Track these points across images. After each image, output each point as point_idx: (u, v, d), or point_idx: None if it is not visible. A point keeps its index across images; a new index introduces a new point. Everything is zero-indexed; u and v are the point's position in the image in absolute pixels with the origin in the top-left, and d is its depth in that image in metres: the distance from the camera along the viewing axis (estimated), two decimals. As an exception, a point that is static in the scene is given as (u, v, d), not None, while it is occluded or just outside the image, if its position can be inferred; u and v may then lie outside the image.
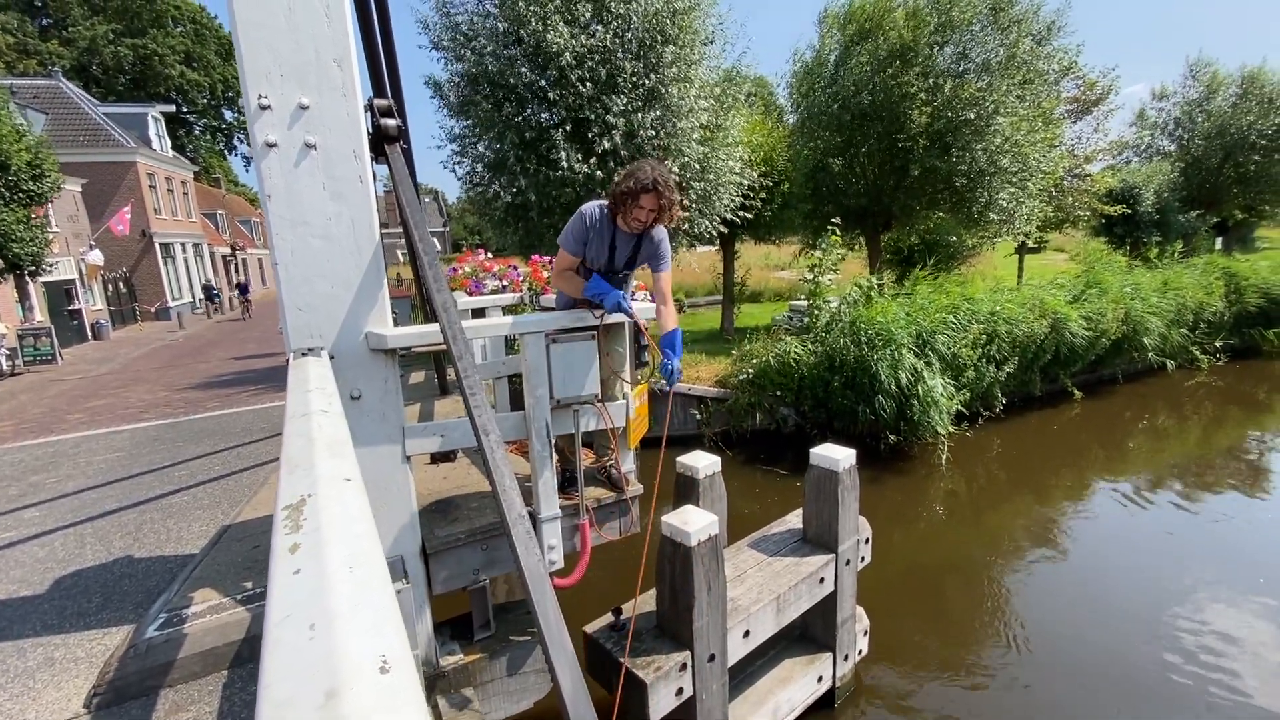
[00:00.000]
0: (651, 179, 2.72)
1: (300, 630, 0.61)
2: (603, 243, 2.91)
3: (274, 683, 0.55)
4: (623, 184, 2.76)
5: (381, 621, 0.64)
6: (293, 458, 1.13)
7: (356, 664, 0.56)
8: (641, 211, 2.78)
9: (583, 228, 2.88)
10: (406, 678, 0.56)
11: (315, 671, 0.55)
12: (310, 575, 0.71)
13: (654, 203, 2.76)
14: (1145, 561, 6.36)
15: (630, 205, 2.75)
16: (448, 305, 2.18)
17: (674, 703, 3.27)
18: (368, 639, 0.60)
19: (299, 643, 0.60)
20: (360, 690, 0.53)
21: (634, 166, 2.79)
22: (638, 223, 2.83)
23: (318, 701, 0.52)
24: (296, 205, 2.44)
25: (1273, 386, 12.75)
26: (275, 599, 0.68)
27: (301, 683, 0.54)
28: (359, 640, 0.60)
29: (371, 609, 0.65)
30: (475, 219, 26.41)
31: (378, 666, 0.57)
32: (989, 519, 7.52)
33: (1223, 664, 4.80)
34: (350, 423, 2.61)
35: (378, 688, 0.54)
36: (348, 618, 0.63)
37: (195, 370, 11.74)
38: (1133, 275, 13.10)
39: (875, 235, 14.19)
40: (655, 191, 2.73)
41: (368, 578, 0.72)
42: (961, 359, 9.38)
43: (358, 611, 0.65)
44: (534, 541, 1.73)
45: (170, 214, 26.43)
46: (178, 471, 5.04)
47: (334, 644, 0.59)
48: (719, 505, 4.09)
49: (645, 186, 2.71)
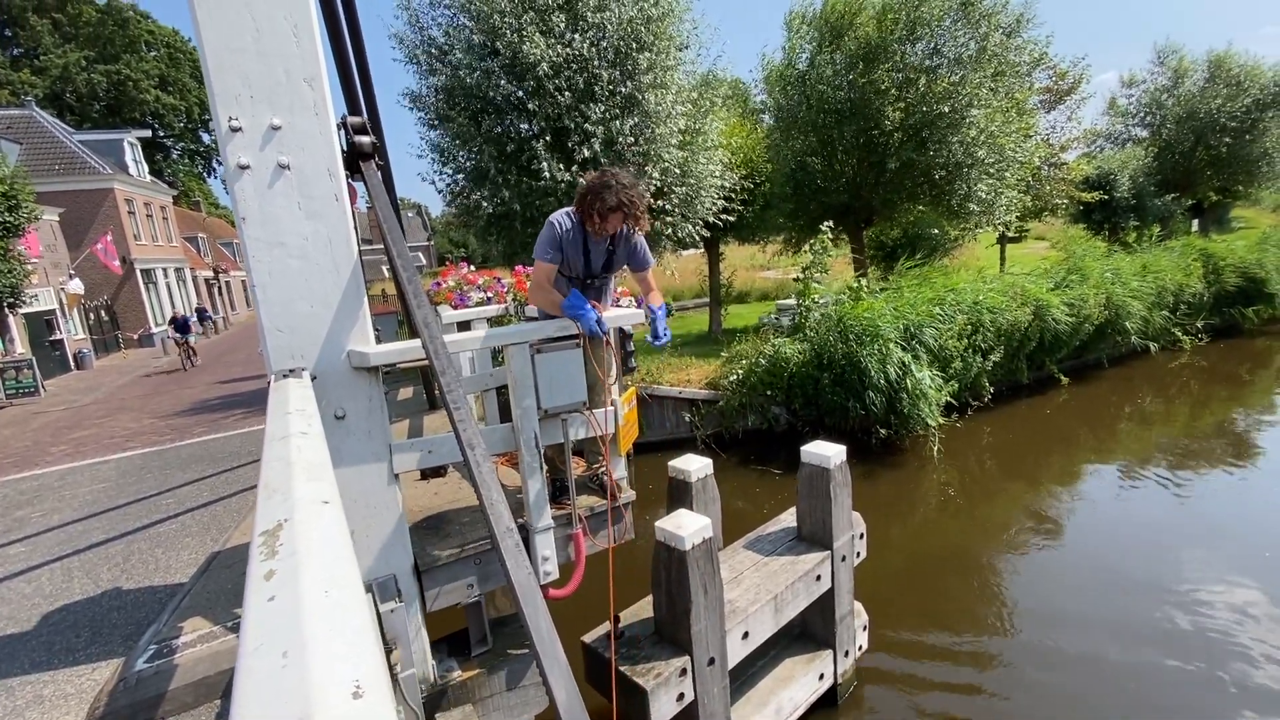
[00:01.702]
0: (617, 200, 2.68)
1: (273, 658, 0.61)
2: (576, 249, 2.91)
3: (243, 713, 0.54)
4: (590, 203, 2.72)
5: (356, 646, 0.63)
6: (270, 482, 1.12)
7: (328, 691, 0.56)
8: (610, 225, 2.78)
9: (554, 235, 2.87)
10: (379, 703, 0.55)
11: (286, 700, 0.55)
12: (285, 602, 0.71)
13: (620, 219, 2.77)
14: (1139, 542, 6.43)
15: (600, 223, 2.75)
16: (429, 320, 2.17)
17: (675, 709, 3.26)
18: (341, 665, 0.60)
19: (271, 671, 0.59)
20: (331, 717, 0.52)
21: (598, 183, 2.73)
22: (606, 231, 2.83)
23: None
24: (272, 226, 2.42)
25: (1255, 364, 12.95)
26: (249, 628, 0.67)
27: (272, 711, 0.54)
28: (332, 666, 0.59)
29: (346, 634, 0.65)
30: (460, 233, 26.34)
31: (350, 692, 0.56)
32: (983, 508, 7.57)
33: (1220, 638, 4.86)
34: (336, 442, 2.61)
35: (350, 714, 0.53)
36: (322, 644, 0.62)
37: (181, 396, 11.62)
38: (1112, 260, 13.27)
39: (858, 231, 14.30)
40: (620, 211, 2.72)
41: (344, 601, 0.71)
42: (948, 350, 9.45)
43: (332, 637, 0.64)
44: (524, 555, 1.72)
45: (150, 239, 26.19)
46: (165, 500, 4.98)
47: (306, 671, 0.58)
48: (713, 508, 4.09)
49: (611, 207, 2.70)
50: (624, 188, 2.71)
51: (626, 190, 2.72)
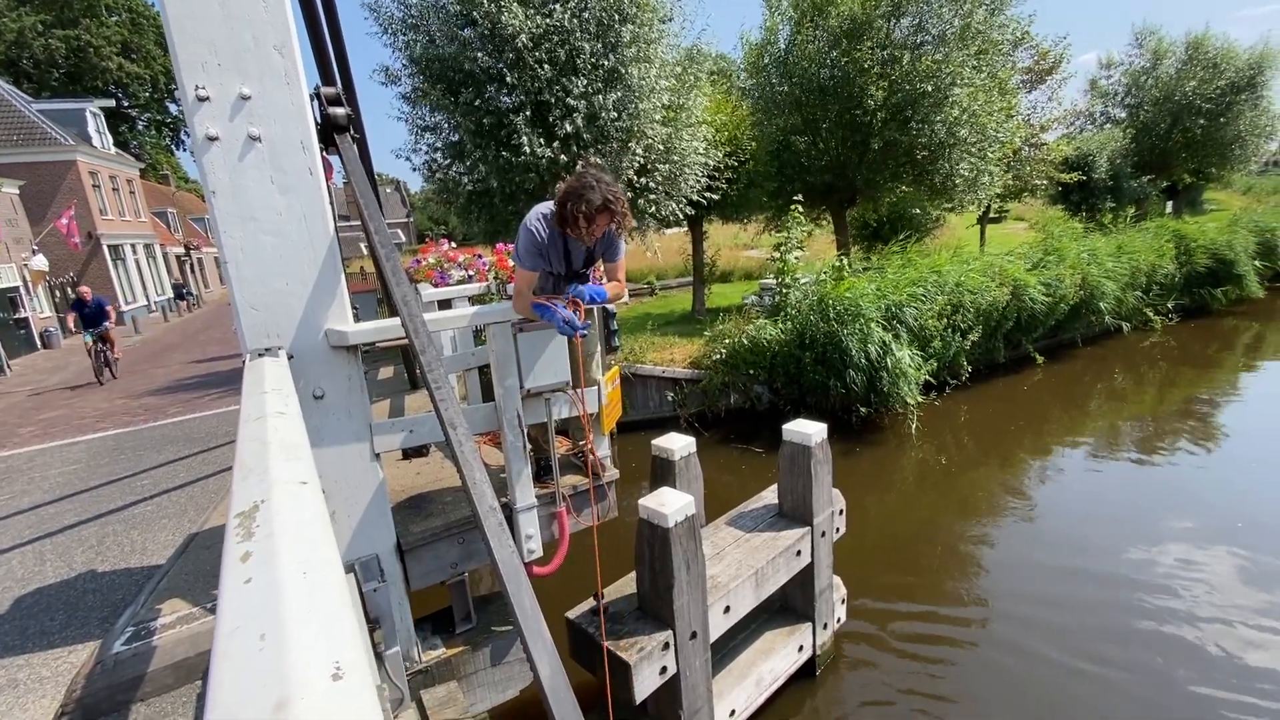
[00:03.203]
0: (603, 198, 2.52)
1: (250, 641, 0.60)
2: (557, 251, 2.79)
3: (221, 696, 0.53)
4: (573, 207, 2.55)
5: (335, 627, 0.62)
6: (246, 463, 1.09)
7: (307, 672, 0.55)
8: (598, 229, 2.62)
9: (534, 242, 2.73)
10: (360, 683, 0.55)
11: (264, 683, 0.54)
12: (261, 584, 0.69)
13: (609, 220, 2.61)
14: (1108, 514, 6.64)
15: (586, 227, 2.57)
16: (408, 298, 2.13)
17: (658, 681, 3.31)
18: (320, 646, 0.59)
19: (248, 654, 0.58)
20: (310, 699, 0.52)
21: (579, 184, 2.56)
22: (594, 237, 2.67)
23: (266, 714, 0.50)
24: (243, 200, 2.35)
25: (1222, 344, 13.30)
26: (225, 611, 0.66)
27: (250, 695, 0.53)
28: (311, 648, 0.58)
29: (325, 615, 0.64)
30: (440, 209, 25.89)
31: (330, 674, 0.55)
32: (959, 484, 7.73)
33: (1182, 605, 5.07)
34: (315, 422, 2.58)
35: (329, 695, 0.53)
36: (299, 626, 0.62)
37: (154, 376, 11.36)
38: (1089, 241, 13.46)
39: (841, 211, 14.31)
40: (609, 211, 2.56)
41: (322, 583, 0.70)
42: (928, 330, 9.56)
43: (310, 619, 0.63)
44: (507, 534, 1.71)
45: (117, 214, 25.36)
46: (140, 481, 4.89)
47: (284, 653, 0.57)
48: (695, 485, 4.13)
49: (598, 208, 2.53)
50: (607, 185, 2.56)
51: (610, 187, 2.56)
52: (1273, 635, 4.69)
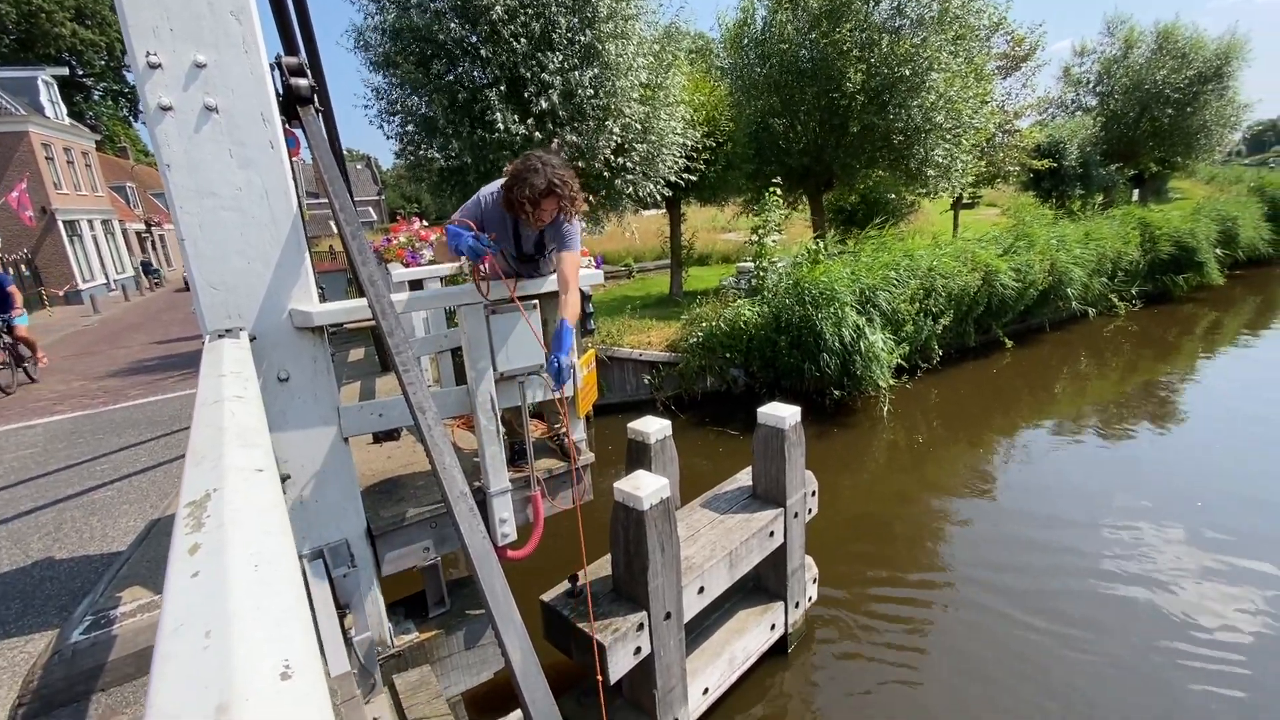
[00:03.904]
0: (547, 182, 2.43)
1: (194, 639, 0.57)
2: (505, 230, 2.71)
3: (160, 700, 0.50)
4: (516, 190, 2.46)
5: (286, 624, 0.60)
6: (199, 449, 1.05)
7: (254, 673, 0.52)
8: (544, 214, 2.54)
9: (475, 208, 2.67)
10: (310, 683, 0.52)
11: (207, 684, 0.51)
12: (209, 578, 0.66)
13: (555, 205, 2.52)
14: (1071, 491, 6.88)
15: (532, 211, 2.49)
16: (374, 278, 2.07)
17: (632, 662, 3.34)
18: (268, 645, 0.56)
19: (192, 653, 0.55)
20: (255, 702, 0.49)
21: (524, 167, 2.47)
22: (541, 222, 2.60)
23: (207, 716, 0.48)
24: (201, 175, 2.25)
25: (1182, 329, 13.72)
26: (169, 606, 0.63)
27: (191, 697, 0.50)
28: (259, 647, 0.56)
29: (275, 611, 0.61)
30: (412, 187, 25.33)
31: (278, 673, 0.53)
32: (929, 464, 7.90)
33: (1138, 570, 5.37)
34: (281, 405, 2.51)
35: (277, 697, 0.50)
36: (248, 623, 0.59)
37: (114, 357, 11.00)
38: (1058, 228, 13.72)
39: (818, 195, 14.35)
40: (554, 195, 2.48)
41: (274, 577, 0.67)
42: (901, 314, 9.69)
43: (259, 615, 0.60)
44: (478, 520, 1.69)
45: (72, 188, 24.30)
46: (100, 466, 4.74)
47: (230, 652, 0.55)
48: (671, 468, 4.14)
49: (542, 192, 2.44)
50: (552, 168, 2.45)
51: (555, 170, 2.46)
52: (1219, 598, 4.99)
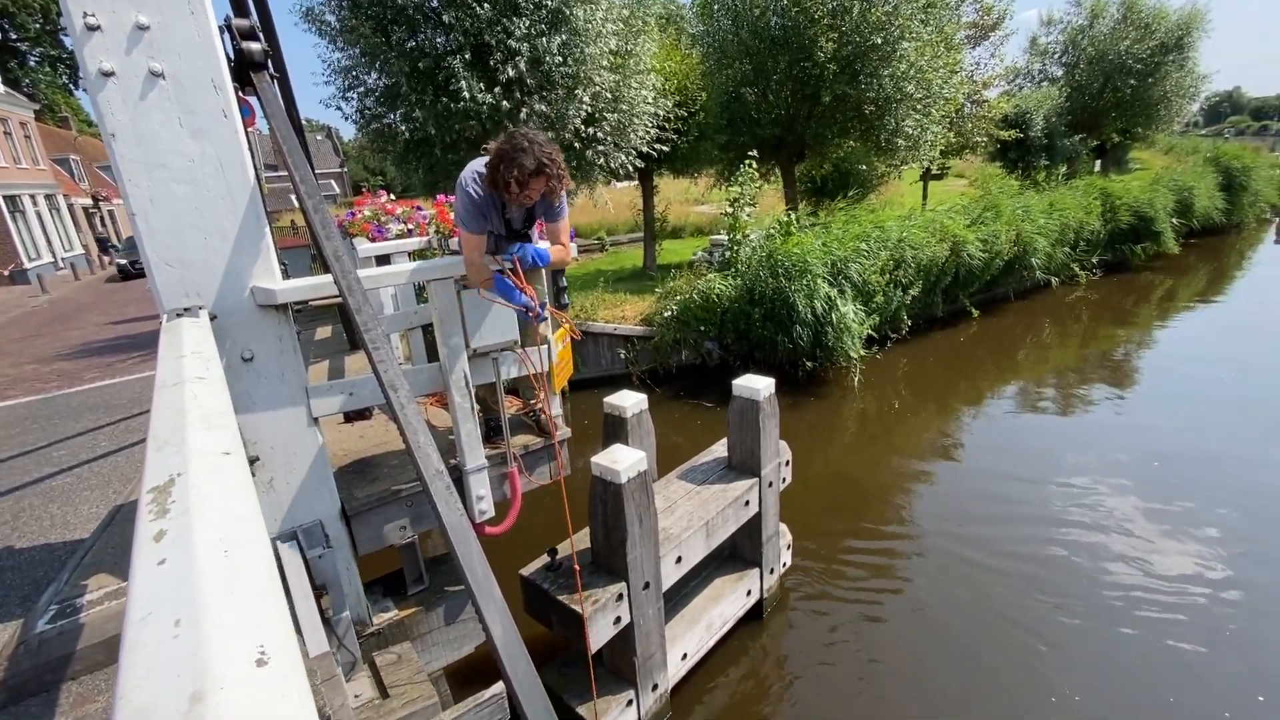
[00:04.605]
0: (536, 161, 2.38)
1: (163, 628, 0.55)
2: (495, 211, 2.67)
3: (130, 692, 0.49)
4: (504, 171, 2.40)
5: (259, 609, 0.58)
6: (161, 433, 1.01)
7: (227, 660, 0.51)
8: (533, 193, 2.50)
9: (473, 204, 2.59)
10: (288, 667, 0.51)
11: (178, 674, 0.50)
12: (176, 565, 0.64)
13: (544, 184, 2.48)
14: (1033, 452, 7.20)
15: (519, 192, 2.44)
16: (339, 253, 2.01)
17: (613, 631, 3.40)
18: (242, 631, 0.55)
19: (161, 642, 0.54)
20: (230, 689, 0.48)
21: (510, 146, 2.41)
22: (529, 200, 2.56)
23: (180, 708, 0.46)
24: (149, 145, 2.14)
25: (1139, 297, 14.18)
26: (135, 595, 0.61)
27: (163, 687, 0.49)
28: (232, 633, 0.54)
29: (248, 596, 0.60)
30: (376, 159, 24.57)
31: (254, 659, 0.52)
32: (898, 432, 8.10)
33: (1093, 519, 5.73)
34: (246, 386, 2.44)
35: (252, 683, 0.49)
36: (219, 609, 0.57)
37: (66, 339, 10.56)
38: (1024, 198, 13.95)
39: (790, 166, 14.32)
40: (544, 174, 2.43)
41: (245, 562, 0.65)
42: (871, 285, 9.81)
43: (231, 601, 0.59)
44: (454, 497, 1.68)
45: (11, 161, 22.99)
46: (57, 452, 4.57)
47: (201, 640, 0.53)
48: (647, 441, 4.16)
49: (531, 172, 2.39)
50: (540, 146, 2.41)
51: (543, 149, 2.41)
52: (1169, 538, 5.42)
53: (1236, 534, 5.39)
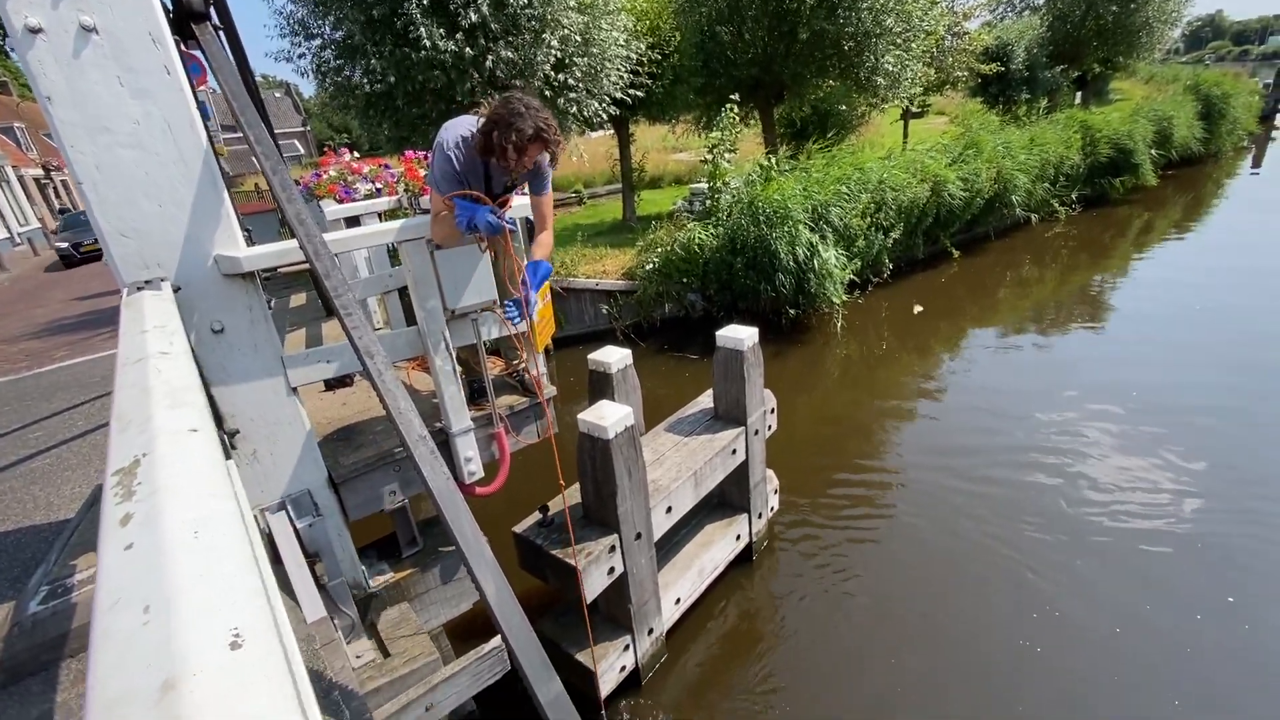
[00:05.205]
0: (535, 128, 2.33)
1: (133, 615, 0.53)
2: (476, 176, 2.57)
3: (101, 682, 0.47)
4: (500, 136, 2.33)
5: (233, 591, 0.57)
6: (124, 413, 0.98)
7: (200, 645, 0.49)
8: (528, 160, 2.43)
9: (452, 171, 2.50)
10: (263, 650, 0.50)
11: (149, 661, 0.48)
12: (145, 549, 0.62)
13: (541, 150, 2.42)
14: (1013, 389, 7.34)
15: (516, 159, 2.36)
16: (303, 216, 1.93)
17: (606, 581, 3.48)
18: (214, 614, 0.53)
19: (131, 630, 0.52)
20: (203, 675, 0.47)
21: (507, 112, 2.34)
22: (524, 168, 2.48)
23: (151, 697, 0.45)
24: (88, 108, 2.01)
25: (1116, 232, 14.26)
26: (103, 582, 0.59)
27: (133, 676, 0.47)
28: (204, 617, 0.53)
29: (220, 578, 0.58)
30: (339, 116, 23.57)
31: (227, 643, 0.50)
32: (881, 374, 8.21)
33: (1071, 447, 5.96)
34: (219, 359, 2.38)
35: (226, 668, 0.48)
36: (190, 592, 0.55)
37: (31, 317, 10.24)
38: (1004, 134, 13.79)
39: (768, 108, 13.96)
40: (542, 141, 2.37)
41: (217, 542, 0.63)
42: (853, 229, 9.74)
43: (202, 583, 0.57)
44: (439, 462, 1.67)
45: (-50, 131, 21.74)
46: (32, 434, 4.48)
47: (172, 626, 0.52)
48: (634, 396, 4.17)
49: (530, 138, 2.33)
50: (537, 111, 2.35)
51: (540, 114, 2.36)
52: (1143, 465, 5.65)
53: (1211, 455, 5.62)
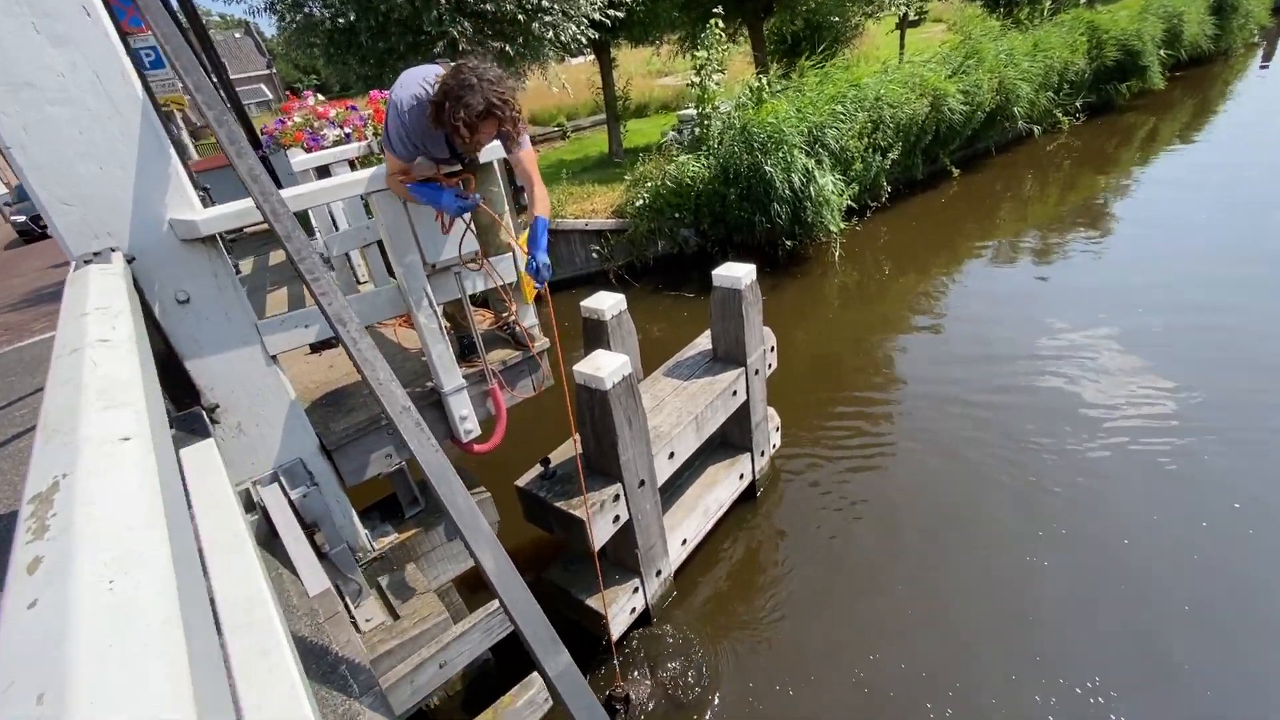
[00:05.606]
0: (485, 102, 2.07)
1: (24, 706, 0.43)
2: (436, 139, 2.33)
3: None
4: (449, 113, 2.09)
5: (148, 662, 0.47)
6: (51, 419, 0.86)
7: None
8: (483, 137, 2.20)
9: (403, 130, 2.28)
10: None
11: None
12: (48, 608, 0.52)
13: (495, 127, 2.18)
14: (1011, 313, 7.23)
15: (469, 136, 2.14)
16: (255, 172, 1.75)
17: (612, 529, 3.48)
18: (125, 707, 0.43)
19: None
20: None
21: (456, 84, 2.09)
22: (479, 146, 2.28)
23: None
24: (4, 60, 1.80)
25: (1121, 140, 13.76)
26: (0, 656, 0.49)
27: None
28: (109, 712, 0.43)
29: (134, 648, 0.48)
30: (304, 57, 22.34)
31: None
32: (880, 303, 8.08)
33: (1069, 369, 5.94)
34: (189, 331, 2.24)
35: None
36: (94, 674, 0.45)
37: (8, 288, 9.95)
38: (1006, 40, 13.07)
39: (757, 23, 13.19)
40: (494, 117, 2.13)
41: (135, 595, 0.53)
42: (849, 151, 9.35)
43: (112, 657, 0.47)
44: (425, 432, 1.57)
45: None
46: (18, 412, 4.37)
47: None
48: (630, 342, 4.06)
49: (479, 114, 2.09)
50: (489, 84, 2.09)
51: (493, 86, 2.10)
52: (1148, 380, 5.65)
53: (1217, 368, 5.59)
